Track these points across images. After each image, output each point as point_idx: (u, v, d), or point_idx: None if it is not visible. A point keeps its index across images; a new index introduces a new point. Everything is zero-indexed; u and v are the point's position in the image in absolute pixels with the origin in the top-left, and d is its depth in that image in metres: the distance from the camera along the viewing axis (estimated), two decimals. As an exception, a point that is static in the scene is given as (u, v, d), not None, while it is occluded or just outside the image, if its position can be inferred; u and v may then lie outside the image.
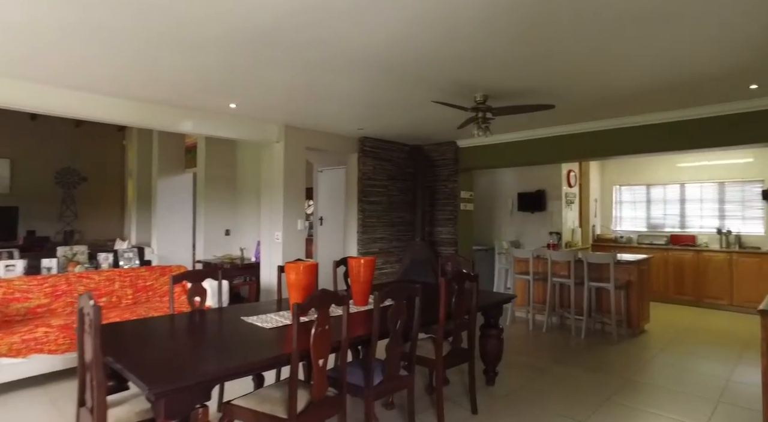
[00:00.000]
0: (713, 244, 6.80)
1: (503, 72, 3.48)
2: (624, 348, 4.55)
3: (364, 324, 2.62)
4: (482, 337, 3.56)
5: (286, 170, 5.43)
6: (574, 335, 5.00)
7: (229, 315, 2.80)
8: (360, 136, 6.34)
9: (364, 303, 3.14)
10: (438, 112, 4.79)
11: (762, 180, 6.66)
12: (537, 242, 7.11)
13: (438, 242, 6.96)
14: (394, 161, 6.85)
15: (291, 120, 5.24)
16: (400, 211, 6.95)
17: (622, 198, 8.00)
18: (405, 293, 2.49)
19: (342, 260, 3.80)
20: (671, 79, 3.66)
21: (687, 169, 7.29)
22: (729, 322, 5.72)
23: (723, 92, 4.06)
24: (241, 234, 6.42)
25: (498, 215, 7.66)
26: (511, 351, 4.43)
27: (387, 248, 6.73)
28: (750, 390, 3.52)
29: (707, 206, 7.12)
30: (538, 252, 5.53)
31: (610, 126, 5.20)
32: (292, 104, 4.53)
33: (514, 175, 7.45)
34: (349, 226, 6.45)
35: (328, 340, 2.11)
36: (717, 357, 4.33)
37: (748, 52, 3.10)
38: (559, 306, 5.50)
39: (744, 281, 6.25)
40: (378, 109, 4.71)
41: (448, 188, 6.86)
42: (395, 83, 3.80)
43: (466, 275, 3.01)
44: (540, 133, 5.79)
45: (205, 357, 1.99)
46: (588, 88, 3.90)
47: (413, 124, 5.50)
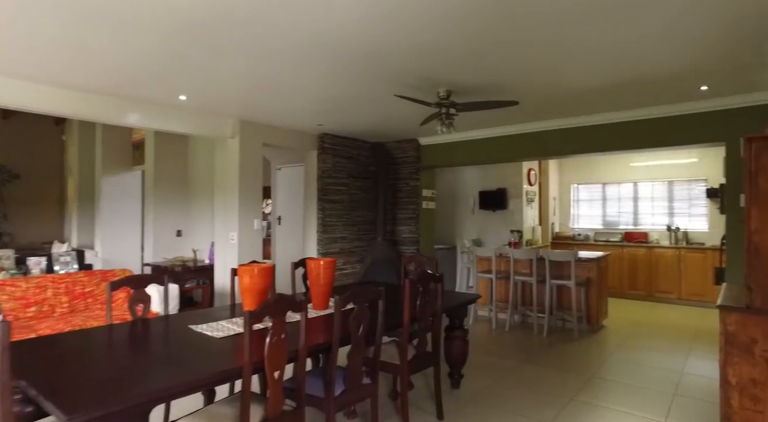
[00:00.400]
0: (663, 240, 7.05)
1: (465, 66, 3.39)
2: (585, 345, 4.59)
3: (325, 330, 2.46)
4: (447, 339, 3.46)
5: (242, 168, 5.16)
6: (537, 333, 5.01)
7: (176, 324, 2.56)
8: (319, 132, 6.14)
9: (324, 307, 2.97)
10: (400, 108, 4.67)
11: (706, 179, 6.96)
12: (498, 240, 7.14)
13: (400, 242, 6.85)
14: (355, 159, 6.68)
15: (246, 115, 4.97)
16: (361, 210, 6.79)
17: (580, 196, 8.18)
18: (367, 297, 2.34)
19: (301, 261, 3.61)
20: (626, 77, 3.69)
21: (639, 168, 7.53)
22: (678, 315, 5.93)
23: (676, 93, 4.16)
24: (194, 235, 6.07)
25: (460, 214, 7.65)
26: (476, 351, 4.36)
27: (348, 248, 6.56)
28: (702, 381, 3.61)
29: (658, 204, 7.38)
30: (500, 251, 5.52)
31: (569, 125, 5.25)
32: (248, 97, 4.28)
33: (476, 173, 7.46)
34: (309, 226, 6.24)
35: (284, 350, 1.93)
36: (670, 350, 4.44)
37: (700, 52, 3.15)
38: (521, 304, 5.51)
39: (691, 275, 6.51)
40: (338, 104, 4.53)
41: (410, 186, 6.77)
42: (355, 76, 3.64)
43: (431, 276, 2.89)
44: (501, 131, 5.79)
45: (143, 374, 1.77)
46: (547, 84, 3.88)
47: (374, 120, 5.36)
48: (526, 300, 5.55)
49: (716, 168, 6.83)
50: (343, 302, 2.20)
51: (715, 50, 3.13)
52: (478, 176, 7.44)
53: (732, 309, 2.43)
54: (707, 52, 3.16)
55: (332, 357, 2.22)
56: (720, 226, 6.74)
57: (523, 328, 5.26)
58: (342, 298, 2.19)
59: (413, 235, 6.71)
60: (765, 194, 2.36)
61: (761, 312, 2.35)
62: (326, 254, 6.19)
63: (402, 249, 6.81)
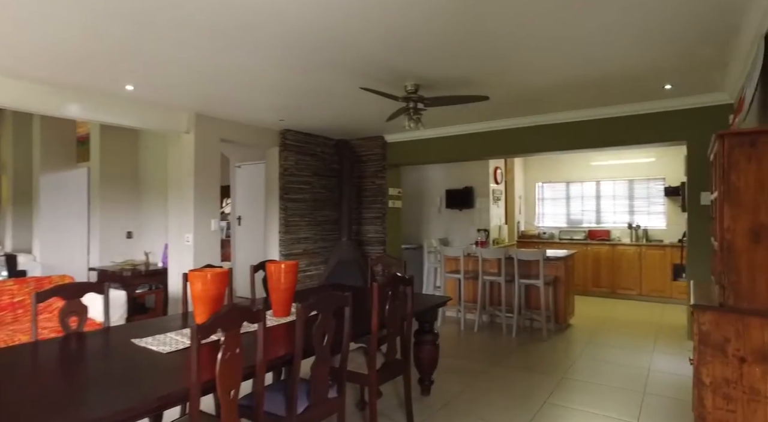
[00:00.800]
0: (625, 238, 7.19)
1: (433, 57, 3.24)
2: (554, 345, 4.56)
3: (286, 341, 2.24)
4: (417, 344, 3.31)
5: (198, 165, 4.84)
6: (506, 333, 4.95)
7: (117, 337, 2.28)
8: (281, 128, 5.87)
9: (285, 314, 2.75)
10: (365, 103, 4.49)
11: (663, 178, 7.15)
12: (465, 239, 7.08)
13: (365, 242, 6.67)
14: (319, 156, 6.45)
15: (202, 108, 4.66)
16: (326, 209, 6.57)
17: (544, 195, 8.25)
18: (333, 304, 2.15)
19: (260, 264, 3.37)
20: (594, 74, 3.65)
21: (600, 167, 7.66)
22: (640, 311, 6.03)
23: (641, 91, 4.17)
24: (146, 237, 5.68)
25: (426, 213, 7.54)
26: (445, 354, 4.24)
27: (312, 249, 6.33)
28: (669, 379, 3.62)
29: (619, 202, 7.53)
30: (468, 250, 5.44)
31: (536, 123, 5.22)
32: (202, 89, 3.99)
33: (443, 171, 7.37)
34: (270, 226, 5.96)
35: (239, 366, 1.71)
36: (635, 347, 4.46)
37: (663, 48, 3.14)
38: (489, 304, 5.44)
39: (650, 272, 6.66)
40: (299, 97, 4.30)
41: (376, 184, 6.60)
42: (316, 66, 3.43)
43: (401, 279, 2.73)
44: (468, 128, 5.71)
45: (69, 401, 1.51)
46: (515, 80, 3.80)
47: (339, 116, 5.16)
48: (495, 300, 5.49)
49: (673, 167, 7.02)
50: (306, 311, 2.00)
51: (679, 47, 3.12)
52: (444, 174, 7.35)
53: (706, 308, 2.39)
54: (671, 49, 3.15)
55: (294, 371, 2.02)
56: (678, 223, 6.93)
57: (492, 328, 5.20)
58: (305, 306, 1.99)
59: (379, 235, 6.55)
60: (737, 191, 2.33)
61: (734, 311, 2.32)
62: (289, 255, 5.93)
63: (368, 250, 6.63)
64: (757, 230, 2.29)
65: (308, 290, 3.80)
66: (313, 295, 2.10)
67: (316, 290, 3.78)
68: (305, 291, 3.69)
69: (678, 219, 6.93)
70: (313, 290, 3.73)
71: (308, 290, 3.73)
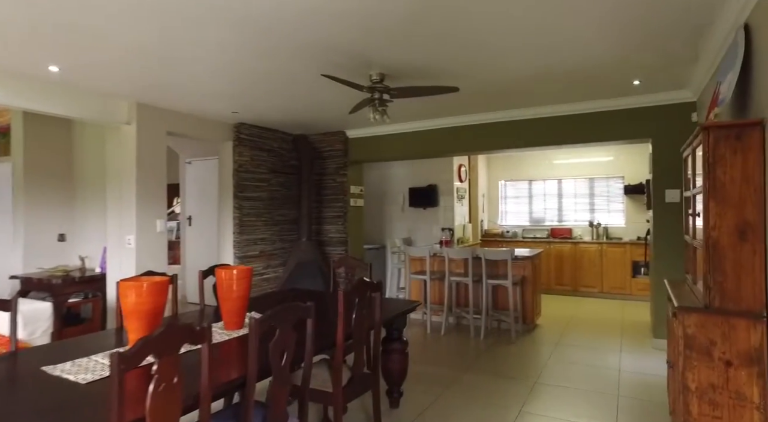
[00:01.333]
0: (586, 236, 7.24)
1: (398, 41, 3.00)
2: (523, 347, 4.43)
3: (239, 360, 1.93)
4: (385, 353, 3.06)
5: (141, 159, 4.38)
6: (474, 335, 4.79)
7: (26, 363, 1.89)
8: (235, 122, 5.47)
9: (238, 326, 2.43)
10: (326, 94, 4.19)
11: (622, 176, 7.25)
12: (429, 238, 6.90)
13: (326, 242, 6.36)
14: (276, 152, 6.08)
15: (145, 96, 4.21)
16: (284, 208, 6.21)
17: (507, 193, 8.21)
18: (293, 316, 1.86)
19: (211, 269, 3.01)
20: (564, 66, 3.52)
21: (562, 165, 7.69)
22: (602, 309, 6.05)
23: (610, 86, 4.10)
24: (82, 239, 5.13)
25: (389, 212, 7.32)
26: (413, 360, 4.01)
27: (269, 251, 5.95)
28: (641, 379, 3.55)
29: (580, 200, 7.58)
30: (434, 250, 5.24)
31: (502, 119, 5.09)
32: (144, 74, 3.57)
33: (406, 169, 7.16)
34: (224, 226, 5.55)
35: (176, 398, 1.40)
36: (603, 347, 4.40)
37: (634, 40, 3.05)
38: (455, 306, 5.27)
39: (611, 269, 6.72)
40: (254, 86, 3.95)
41: (337, 182, 6.30)
42: (272, 50, 3.11)
43: (368, 285, 2.47)
44: (433, 124, 5.52)
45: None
46: (485, 70, 3.62)
47: (297, 108, 4.83)
48: (461, 301, 5.32)
49: (631, 166, 7.13)
50: (261, 325, 1.70)
51: (653, 40, 3.03)
52: (407, 172, 7.15)
53: (691, 310, 2.26)
54: (644, 43, 3.06)
55: (248, 395, 1.71)
56: (636, 221, 7.04)
57: (459, 331, 5.02)
58: (260, 320, 1.69)
59: (341, 235, 6.25)
60: (723, 186, 2.22)
61: (720, 312, 2.21)
62: (244, 257, 5.54)
63: (329, 250, 6.32)
64: (743, 228, 2.19)
65: (265, 296, 3.47)
66: (271, 305, 1.80)
67: (274, 296, 3.46)
68: (262, 298, 3.36)
69: (637, 217, 7.03)
70: (271, 297, 3.40)
71: (265, 297, 3.40)
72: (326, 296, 3.46)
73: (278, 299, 3.34)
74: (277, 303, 3.14)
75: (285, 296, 3.45)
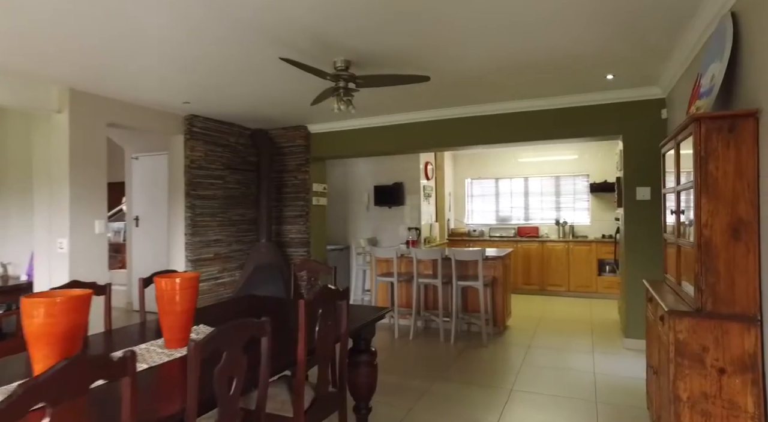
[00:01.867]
0: (552, 234, 7.20)
1: (364, 24, 2.73)
2: (495, 351, 4.25)
3: (179, 387, 1.60)
4: (351, 365, 2.77)
5: (75, 153, 3.90)
6: (443, 340, 4.57)
7: None
8: (187, 114, 5.04)
9: (181, 344, 2.08)
10: (286, 83, 3.86)
11: (588, 174, 7.26)
12: (395, 239, 6.67)
13: (287, 243, 6.01)
14: (232, 147, 5.67)
15: (80, 81, 3.75)
16: (241, 207, 5.81)
17: (473, 192, 8.09)
18: (243, 336, 1.55)
19: (151, 277, 2.63)
20: (539, 57, 3.36)
21: (528, 163, 7.63)
22: (570, 308, 6.00)
23: (583, 80, 3.98)
24: (4, 243, 4.56)
25: (353, 211, 7.03)
26: (381, 368, 3.75)
27: (225, 253, 5.54)
28: (617, 382, 3.43)
29: (546, 198, 7.54)
30: (402, 251, 5.00)
31: (472, 114, 4.91)
32: (78, 55, 3.13)
33: (371, 166, 6.90)
34: (175, 227, 5.10)
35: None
36: (576, 348, 4.29)
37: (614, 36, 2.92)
38: (424, 309, 5.05)
39: (578, 268, 6.69)
40: (207, 72, 3.58)
41: (298, 179, 5.96)
42: (228, 34, 2.77)
43: (333, 293, 2.18)
44: (399, 119, 5.28)
45: None
46: (455, 59, 3.40)
47: (255, 99, 4.46)
48: (430, 304, 5.11)
49: (596, 164, 7.14)
50: (202, 350, 1.38)
51: (630, 33, 2.90)
52: (372, 169, 6.88)
53: (683, 314, 2.11)
54: (622, 35, 2.92)
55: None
56: (601, 219, 7.06)
57: (428, 335, 4.80)
58: (201, 344, 1.38)
59: (303, 235, 5.92)
60: (715, 182, 2.08)
61: (713, 316, 2.06)
62: (197, 261, 5.11)
63: (290, 252, 5.97)
64: (737, 226, 2.05)
65: (219, 304, 3.11)
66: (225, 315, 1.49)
67: (229, 304, 3.11)
68: (215, 307, 3.00)
69: (602, 215, 7.06)
70: (225, 306, 3.05)
71: (219, 306, 3.05)
72: (287, 303, 3.14)
73: (233, 307, 2.99)
74: (231, 313, 2.80)
75: (241, 303, 3.11)
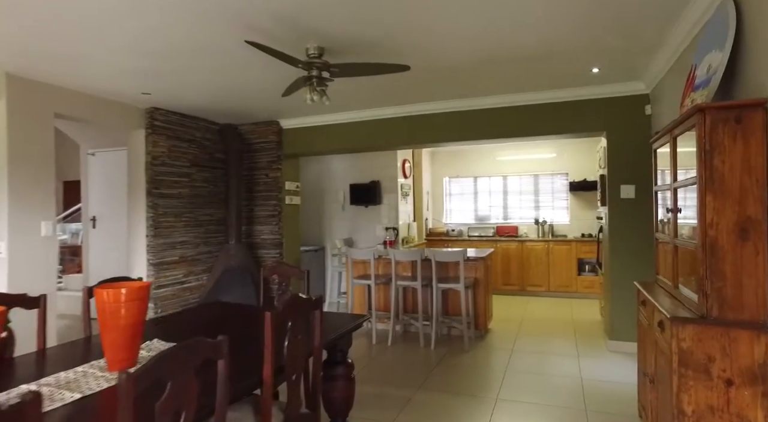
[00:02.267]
0: (532, 234, 7.10)
1: (338, 6, 2.48)
2: (478, 356, 4.07)
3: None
4: (326, 379, 2.53)
5: (14, 145, 3.52)
6: (423, 345, 4.36)
7: None
8: (148, 106, 4.68)
9: (129, 364, 1.80)
10: (256, 73, 3.58)
11: (567, 173, 7.18)
12: (372, 239, 6.43)
13: (258, 245, 5.70)
14: (199, 143, 5.33)
15: (20, 66, 3.37)
16: (209, 207, 5.47)
17: (452, 190, 7.92)
18: (193, 361, 1.29)
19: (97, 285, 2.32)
20: (525, 48, 3.18)
21: (506, 162, 7.51)
22: (551, 308, 5.89)
23: (568, 74, 3.83)
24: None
25: (329, 210, 6.76)
26: (358, 379, 3.51)
27: (192, 256, 5.20)
28: (605, 388, 3.29)
29: (525, 197, 7.44)
30: (379, 252, 4.77)
31: (452, 109, 4.72)
32: (13, 37, 2.77)
33: (346, 164, 6.64)
34: (135, 228, 4.74)
35: None
36: (560, 352, 4.15)
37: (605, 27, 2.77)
38: (403, 312, 4.83)
39: (557, 268, 6.60)
40: (168, 58, 3.26)
41: (270, 177, 5.65)
42: (191, 16, 2.47)
43: (305, 302, 1.93)
44: (376, 114, 5.05)
45: None
46: (437, 48, 3.19)
47: (223, 92, 4.15)
48: (409, 308, 4.90)
49: (575, 162, 7.07)
50: (136, 383, 1.12)
51: (620, 18, 2.74)
52: (348, 167, 6.63)
53: (687, 321, 1.94)
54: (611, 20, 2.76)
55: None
56: (580, 218, 6.99)
57: (408, 340, 4.58)
58: (134, 376, 1.11)
59: (275, 236, 5.62)
60: (721, 178, 1.92)
61: (719, 323, 1.91)
62: (160, 264, 4.76)
63: (262, 254, 5.67)
64: (744, 225, 1.89)
65: (182, 313, 2.81)
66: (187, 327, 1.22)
67: (192, 313, 2.81)
68: (176, 316, 2.70)
69: (582, 214, 6.99)
70: (188, 314, 2.75)
71: (181, 315, 2.75)
72: (256, 311, 2.87)
73: (196, 317, 2.70)
74: (194, 324, 2.51)
75: (205, 312, 2.82)
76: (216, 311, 2.87)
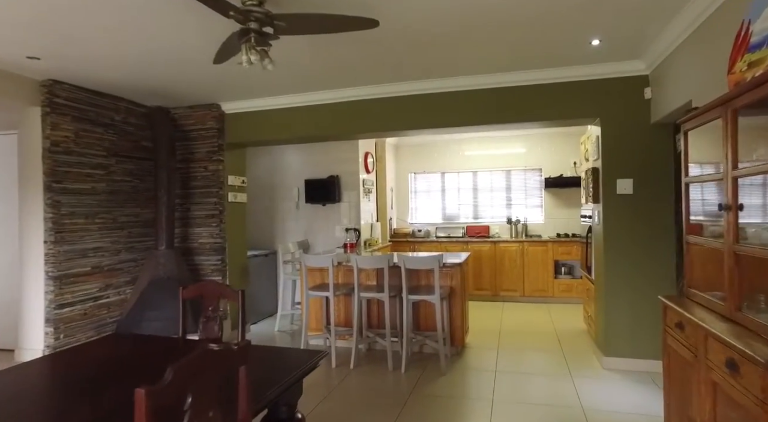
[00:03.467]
0: (504, 234, 6.57)
1: None
2: (457, 381, 3.42)
3: None
4: (265, 447, 1.78)
5: None
6: (392, 367, 3.66)
7: None
8: (45, 78, 3.73)
9: None
10: (189, 35, 2.76)
11: (540, 169, 6.71)
12: (331, 241, 5.68)
13: (196, 250, 4.82)
14: (120, 128, 4.40)
15: None
16: (133, 205, 4.55)
17: (418, 187, 7.27)
18: None
19: None
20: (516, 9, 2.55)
21: (476, 157, 6.95)
22: (529, 316, 5.35)
23: (563, 46, 3.23)
24: None
25: (281, 209, 5.95)
26: (315, 416, 2.78)
27: (110, 265, 4.27)
28: (612, 418, 2.72)
29: (497, 194, 6.90)
30: (339, 259, 4.03)
31: (426, 90, 4.06)
32: None
33: (301, 156, 5.86)
34: (29, 232, 3.78)
35: None
36: (550, 371, 3.57)
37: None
38: (367, 328, 4.12)
39: (533, 270, 6.09)
40: (68, 13, 2.39)
41: (210, 171, 4.79)
42: None
43: (222, 360, 1.18)
44: (334, 96, 4.32)
45: None
46: (413, 6, 2.51)
47: (140, 60, 3.29)
48: (374, 323, 4.20)
49: (548, 158, 6.60)
50: None
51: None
52: (303, 160, 5.85)
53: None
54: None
55: None
56: (556, 217, 6.53)
57: (373, 361, 3.88)
58: None
59: (216, 240, 4.76)
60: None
61: None
62: (65, 277, 3.83)
63: (200, 261, 4.80)
64: None
65: (55, 358, 1.97)
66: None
67: (65, 360, 1.98)
68: (34, 366, 1.87)
69: (557, 213, 6.52)
70: (53, 367, 1.93)
71: (44, 365, 1.92)
72: (176, 349, 2.08)
73: (66, 369, 1.88)
74: (51, 389, 1.69)
75: (91, 356, 2.00)
76: (110, 352, 2.05)
